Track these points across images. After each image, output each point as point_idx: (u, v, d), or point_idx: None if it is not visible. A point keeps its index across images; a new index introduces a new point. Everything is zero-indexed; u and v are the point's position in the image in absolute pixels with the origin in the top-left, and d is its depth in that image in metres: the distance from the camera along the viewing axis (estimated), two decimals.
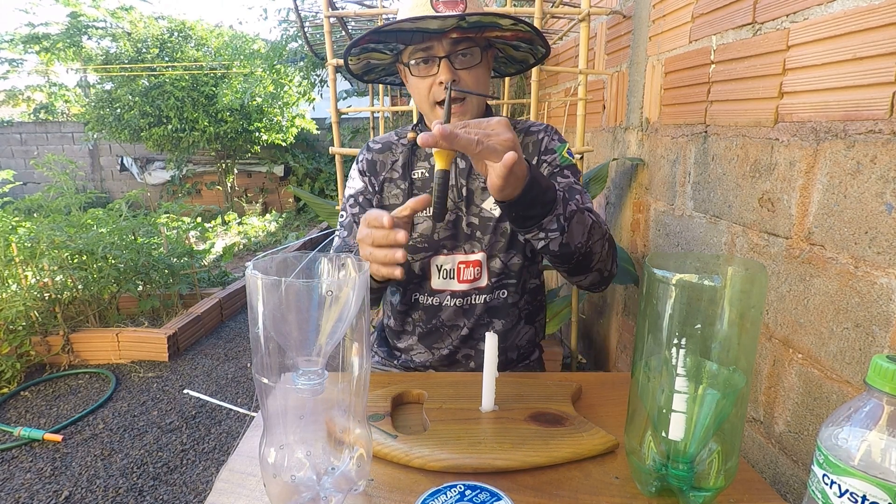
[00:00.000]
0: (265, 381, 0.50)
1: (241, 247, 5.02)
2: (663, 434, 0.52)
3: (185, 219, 4.22)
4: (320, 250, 0.57)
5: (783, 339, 0.98)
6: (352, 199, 1.00)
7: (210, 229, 5.32)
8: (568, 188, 0.93)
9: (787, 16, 0.94)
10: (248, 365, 2.61)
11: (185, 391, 2.31)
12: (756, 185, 1.05)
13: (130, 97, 5.69)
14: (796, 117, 0.93)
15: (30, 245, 2.54)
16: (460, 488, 0.51)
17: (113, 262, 2.76)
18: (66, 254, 2.63)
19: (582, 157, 1.70)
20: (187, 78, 5.76)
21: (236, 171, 6.95)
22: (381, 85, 2.64)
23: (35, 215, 3.27)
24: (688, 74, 1.31)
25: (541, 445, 0.63)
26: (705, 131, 1.23)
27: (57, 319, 2.57)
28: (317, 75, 4.91)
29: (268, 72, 5.29)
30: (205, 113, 5.79)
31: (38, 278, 2.61)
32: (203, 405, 2.21)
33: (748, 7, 1.06)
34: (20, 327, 2.43)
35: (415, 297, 0.99)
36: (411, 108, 1.97)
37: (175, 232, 3.41)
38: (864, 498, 0.40)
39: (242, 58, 5.74)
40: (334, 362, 0.52)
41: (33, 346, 2.47)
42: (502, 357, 1.01)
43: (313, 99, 5.96)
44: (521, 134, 0.99)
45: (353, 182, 1.01)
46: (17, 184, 4.56)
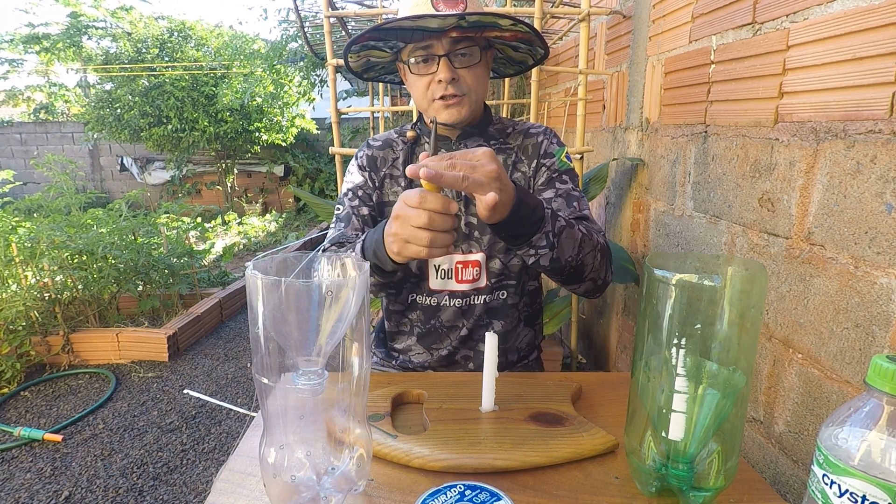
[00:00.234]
0: (265, 381, 0.50)
1: (241, 247, 5.02)
2: (663, 434, 0.52)
3: (185, 219, 4.22)
4: (320, 250, 0.57)
5: (783, 339, 0.98)
6: (350, 193, 1.00)
7: (210, 229, 5.33)
8: (566, 195, 0.93)
9: (787, 16, 0.94)
10: (248, 365, 2.61)
11: (185, 391, 2.31)
12: (756, 185, 1.05)
13: (130, 97, 5.69)
14: (796, 117, 0.93)
15: (30, 245, 2.54)
16: (460, 488, 0.51)
17: (113, 262, 2.76)
18: (66, 254, 2.63)
19: (582, 157, 1.70)
20: (187, 78, 5.76)
21: (236, 171, 6.95)
22: (381, 85, 2.64)
23: (35, 215, 3.27)
24: (688, 74, 1.31)
25: (541, 445, 0.63)
26: (705, 131, 1.23)
27: (57, 319, 2.57)
28: (317, 75, 4.91)
29: (268, 72, 5.30)
30: (205, 113, 5.79)
31: (38, 278, 2.61)
32: (203, 405, 2.21)
33: (748, 7, 1.06)
34: (20, 327, 2.43)
35: (412, 297, 0.99)
36: (411, 107, 1.97)
37: (175, 232, 3.41)
38: (863, 498, 0.40)
39: (242, 58, 5.74)
40: (334, 362, 0.52)
41: (33, 346, 2.47)
42: (502, 359, 1.01)
43: (313, 99, 5.96)
44: (521, 135, 0.99)
45: (352, 176, 1.01)
46: (17, 184, 4.56)
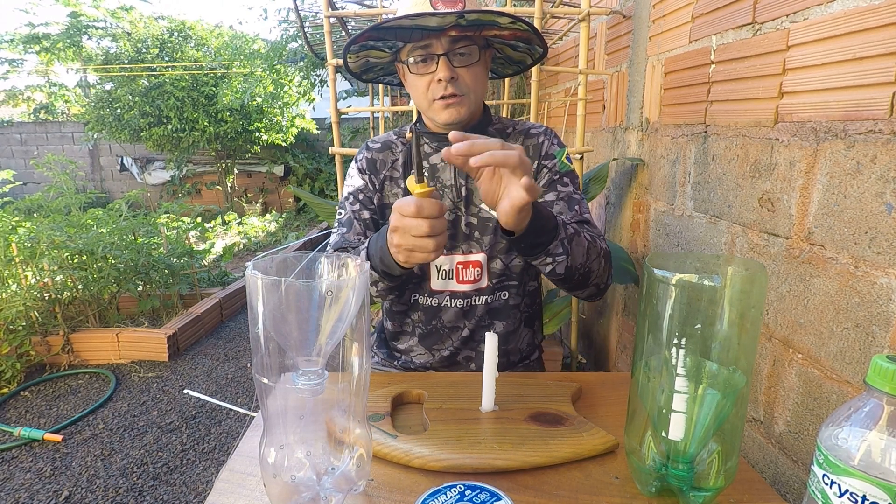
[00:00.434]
0: (265, 381, 0.50)
1: (241, 247, 5.02)
2: (663, 434, 0.52)
3: (185, 219, 4.22)
4: (320, 250, 0.57)
5: (783, 339, 0.98)
6: (351, 197, 1.00)
7: (210, 229, 5.33)
8: (567, 198, 0.93)
9: (787, 16, 0.94)
10: (248, 365, 2.61)
11: (185, 391, 2.31)
12: (756, 185, 1.05)
13: (130, 97, 5.69)
14: (796, 117, 0.93)
15: (30, 245, 2.54)
16: (460, 488, 0.51)
17: (113, 262, 2.76)
18: (66, 254, 2.63)
19: (582, 157, 1.70)
20: (187, 78, 5.76)
21: (236, 171, 6.95)
22: (381, 85, 2.64)
23: (35, 215, 3.27)
24: (688, 74, 1.31)
25: (541, 445, 0.63)
26: (705, 131, 1.23)
27: (57, 319, 2.56)
28: (317, 75, 4.91)
29: (268, 72, 5.30)
30: (205, 113, 5.79)
31: (38, 278, 2.61)
32: (203, 405, 2.21)
33: (748, 7, 1.06)
34: (20, 327, 2.42)
35: (414, 297, 0.99)
36: (411, 108, 1.97)
37: (175, 232, 3.41)
38: (863, 498, 0.40)
39: (242, 58, 5.74)
40: (334, 362, 0.52)
41: (33, 346, 2.47)
42: (503, 359, 1.01)
43: (313, 99, 5.96)
44: (521, 136, 0.99)
45: (353, 180, 1.01)
46: (17, 184, 4.56)
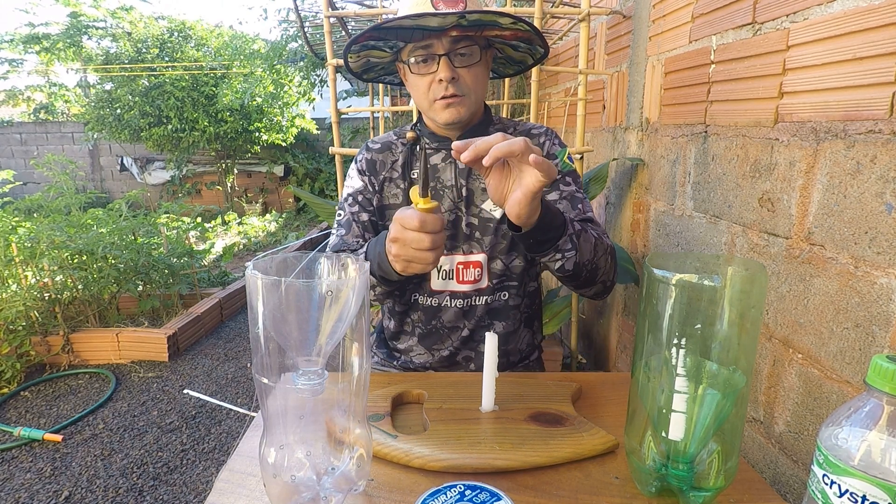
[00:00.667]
0: (265, 381, 0.50)
1: (241, 247, 5.02)
2: (663, 434, 0.52)
3: (185, 219, 4.22)
4: (320, 250, 0.57)
5: (783, 339, 0.98)
6: (350, 199, 1.00)
7: (210, 229, 5.33)
8: (570, 197, 0.93)
9: (787, 16, 0.94)
10: (248, 365, 2.61)
11: (185, 391, 2.31)
12: (756, 185, 1.05)
13: (130, 97, 5.69)
14: (796, 117, 0.93)
15: (30, 245, 2.54)
16: (460, 488, 0.51)
17: (113, 262, 2.76)
18: (66, 254, 2.63)
19: (582, 157, 1.70)
20: (187, 78, 5.76)
21: (236, 171, 6.95)
22: (381, 85, 2.64)
23: (35, 215, 3.27)
24: (688, 74, 1.31)
25: (541, 445, 0.63)
26: (705, 131, 1.23)
27: (57, 319, 2.56)
28: (317, 75, 4.91)
29: (268, 72, 5.29)
30: (205, 113, 5.79)
31: (38, 278, 2.61)
32: (203, 405, 2.21)
33: (748, 7, 1.06)
34: (20, 327, 2.42)
35: (414, 297, 0.99)
36: (411, 108, 1.97)
37: (175, 232, 3.41)
38: (863, 498, 0.40)
39: (242, 58, 5.74)
40: (334, 362, 0.52)
41: (33, 346, 2.47)
42: (503, 359, 1.01)
43: (313, 99, 5.96)
44: (522, 136, 0.99)
45: (352, 181, 1.01)
46: (17, 184, 4.56)
